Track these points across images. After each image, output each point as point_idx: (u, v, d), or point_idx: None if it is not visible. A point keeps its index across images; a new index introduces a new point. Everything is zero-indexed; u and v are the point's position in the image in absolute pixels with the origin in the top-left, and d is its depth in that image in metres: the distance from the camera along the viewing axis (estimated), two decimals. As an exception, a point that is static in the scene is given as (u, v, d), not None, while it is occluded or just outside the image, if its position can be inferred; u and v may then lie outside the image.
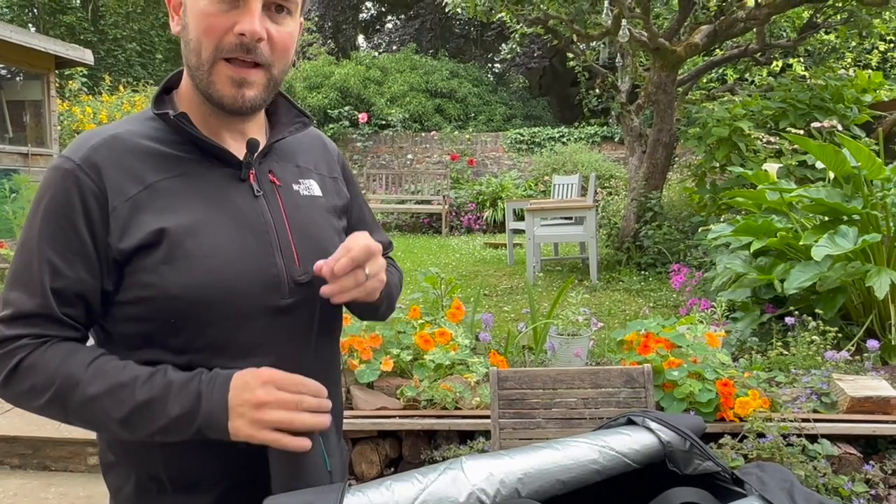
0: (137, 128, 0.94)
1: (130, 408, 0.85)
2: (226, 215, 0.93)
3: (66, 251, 0.88)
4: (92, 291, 0.90)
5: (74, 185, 0.88)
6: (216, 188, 0.94)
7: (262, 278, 0.93)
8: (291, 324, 0.97)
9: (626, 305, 4.88)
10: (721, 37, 6.05)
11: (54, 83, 7.88)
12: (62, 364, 0.87)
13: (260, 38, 0.89)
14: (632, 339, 2.86)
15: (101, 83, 11.38)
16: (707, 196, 5.49)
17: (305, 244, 0.99)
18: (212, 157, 0.95)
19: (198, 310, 0.89)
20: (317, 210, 1.04)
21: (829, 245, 3.10)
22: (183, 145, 0.94)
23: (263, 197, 0.97)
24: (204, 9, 0.89)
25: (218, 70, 0.90)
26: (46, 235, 0.88)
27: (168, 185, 0.91)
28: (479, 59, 15.92)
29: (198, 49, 0.90)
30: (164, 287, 0.88)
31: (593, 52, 7.76)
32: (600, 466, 1.00)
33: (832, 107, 5.40)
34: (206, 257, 0.90)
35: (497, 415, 2.16)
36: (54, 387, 0.86)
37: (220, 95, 0.91)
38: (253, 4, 0.89)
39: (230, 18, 0.89)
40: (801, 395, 2.65)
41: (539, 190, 10.51)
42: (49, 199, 0.89)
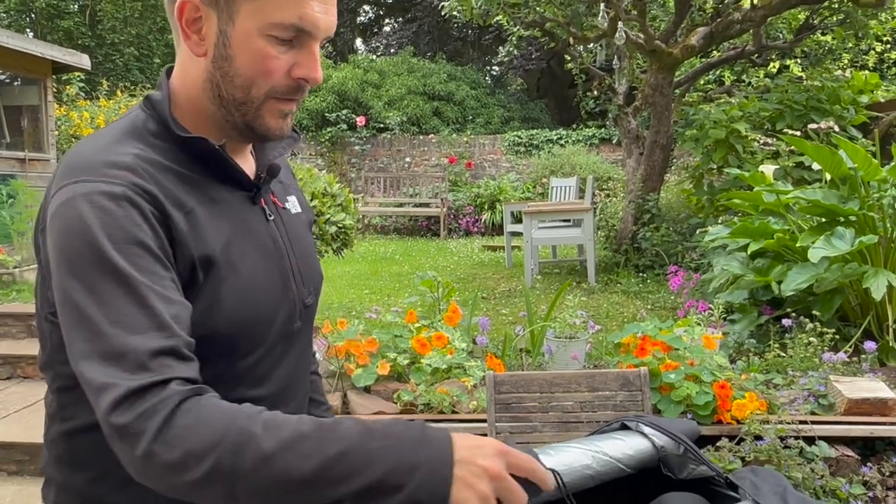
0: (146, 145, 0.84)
1: (321, 461, 0.66)
2: (252, 245, 0.90)
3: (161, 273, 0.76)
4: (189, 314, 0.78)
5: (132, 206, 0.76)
6: (239, 214, 0.91)
7: (285, 306, 0.93)
8: (297, 347, 0.98)
9: (624, 308, 4.88)
10: (717, 38, 6.06)
11: (51, 88, 7.88)
12: (224, 416, 0.69)
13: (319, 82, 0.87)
14: (628, 342, 2.86)
15: (98, 88, 11.39)
16: (704, 198, 5.49)
17: (305, 265, 0.99)
18: (227, 180, 0.91)
19: (235, 343, 0.86)
20: (303, 228, 1.05)
21: (826, 247, 3.10)
22: (195, 166, 0.87)
23: (274, 221, 0.96)
24: (263, 50, 0.83)
25: (269, 107, 0.87)
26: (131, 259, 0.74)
27: (202, 211, 0.85)
28: (477, 61, 15.94)
29: (247, 87, 0.85)
30: (211, 324, 0.81)
31: (590, 54, 7.78)
32: (594, 472, 1.00)
33: (829, 108, 5.40)
34: (245, 290, 0.86)
35: (493, 419, 2.16)
36: (219, 448, 0.66)
37: (267, 128, 0.88)
38: (314, 48, 0.86)
39: (289, 59, 0.85)
40: (798, 397, 2.65)
41: (537, 192, 10.52)
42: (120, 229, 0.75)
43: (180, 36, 0.87)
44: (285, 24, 0.82)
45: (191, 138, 0.86)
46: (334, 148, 11.98)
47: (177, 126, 0.87)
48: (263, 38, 0.83)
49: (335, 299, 5.42)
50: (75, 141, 8.95)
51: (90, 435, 0.82)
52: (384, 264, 7.77)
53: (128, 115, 0.90)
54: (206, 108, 0.89)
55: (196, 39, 0.86)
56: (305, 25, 0.83)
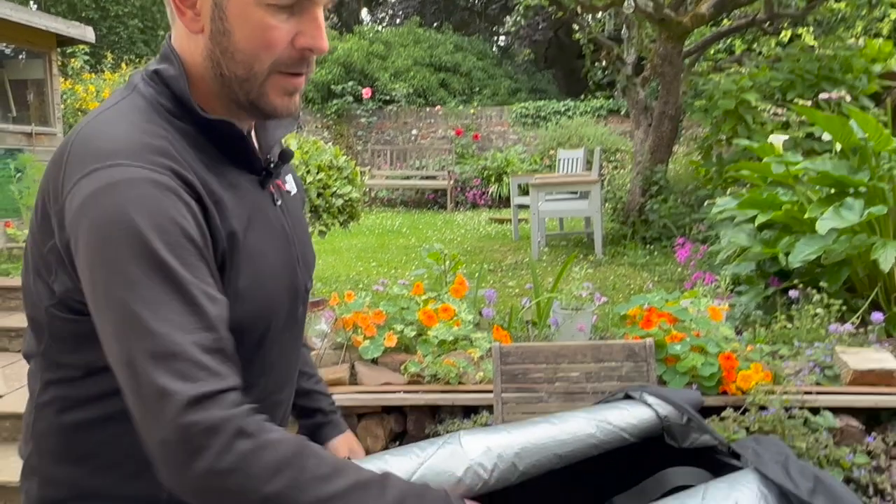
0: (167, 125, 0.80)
1: None
2: (267, 231, 0.87)
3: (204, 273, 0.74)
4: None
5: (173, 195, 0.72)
6: (254, 200, 0.87)
7: (293, 293, 0.92)
8: (298, 331, 0.98)
9: (631, 280, 4.88)
10: (728, 7, 5.96)
11: (56, 62, 7.85)
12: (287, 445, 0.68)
13: (325, 52, 0.82)
14: (634, 314, 2.86)
15: (103, 61, 11.33)
16: (713, 169, 5.45)
17: (303, 249, 0.97)
18: (240, 164, 0.86)
19: (253, 331, 0.84)
20: (300, 209, 1.03)
21: (835, 218, 3.08)
22: (213, 149, 0.83)
23: (280, 206, 0.93)
24: (262, 20, 0.77)
25: (273, 82, 0.81)
26: (178, 256, 0.70)
27: (228, 198, 0.81)
28: (484, 31, 15.74)
29: (249, 62, 0.79)
30: (233, 312, 0.77)
31: (599, 23, 7.66)
32: (597, 441, 1.02)
33: (841, 77, 5.32)
34: (265, 278, 0.85)
35: (500, 389, 2.18)
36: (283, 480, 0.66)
37: (273, 106, 0.83)
38: (318, 14, 0.80)
39: (290, 29, 0.79)
40: (804, 368, 2.66)
41: (545, 164, 10.46)
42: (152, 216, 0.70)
43: (174, 13, 0.81)
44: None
45: (217, 121, 0.82)
46: (340, 120, 11.92)
47: (199, 106, 0.82)
48: (261, 7, 0.77)
49: (342, 272, 5.44)
50: (81, 115, 8.94)
51: (99, 427, 0.81)
52: (391, 237, 7.78)
53: (131, 91, 0.83)
54: (210, 86, 0.83)
55: (191, 15, 0.80)
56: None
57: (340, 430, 1.17)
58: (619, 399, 1.11)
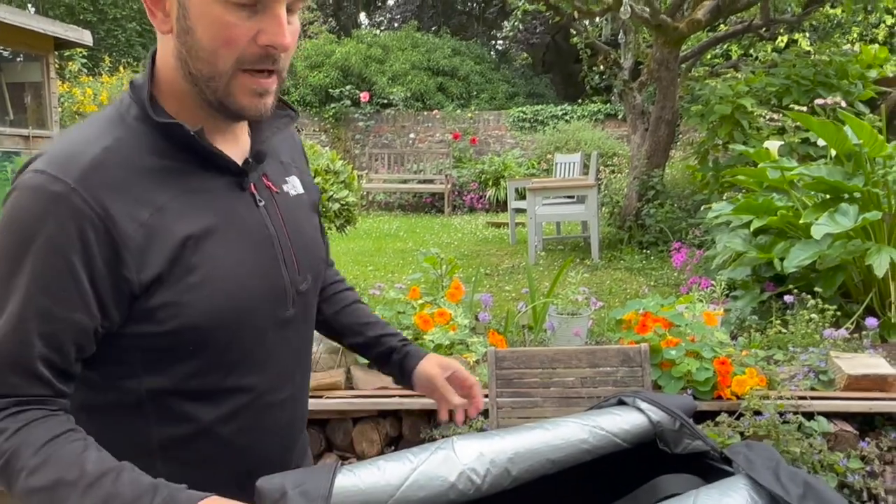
0: (124, 134, 0.83)
1: None
2: (235, 232, 0.87)
3: (61, 293, 0.77)
4: (86, 335, 0.79)
5: (70, 215, 0.76)
6: (223, 202, 0.87)
7: (272, 294, 0.91)
8: (292, 333, 0.96)
9: (627, 284, 4.90)
10: (724, 12, 5.99)
11: (54, 65, 7.85)
12: (12, 437, 0.75)
13: (289, 49, 0.82)
14: (630, 319, 2.87)
15: (101, 64, 11.34)
16: (709, 174, 5.47)
17: (302, 251, 0.96)
18: (212, 167, 0.87)
19: (216, 334, 0.85)
20: (303, 211, 1.00)
21: (829, 223, 3.10)
22: (180, 153, 0.84)
23: (264, 206, 0.92)
24: (221, 17, 0.78)
25: (238, 82, 0.82)
26: (37, 277, 0.76)
27: (178, 205, 0.82)
28: (482, 36, 15.77)
29: (212, 60, 0.80)
30: (183, 317, 0.81)
31: (596, 28, 7.69)
32: (590, 446, 1.02)
33: (836, 83, 5.35)
34: (225, 281, 0.85)
35: (495, 394, 2.19)
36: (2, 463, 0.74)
37: (241, 106, 0.83)
38: (279, 10, 0.80)
39: (252, 26, 0.79)
40: (798, 373, 2.67)
41: (542, 168, 10.48)
42: (40, 233, 0.76)
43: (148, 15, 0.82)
44: None
45: (166, 123, 0.83)
46: (338, 124, 11.94)
47: (154, 111, 0.83)
48: (220, 4, 0.78)
49: (339, 276, 5.43)
50: (78, 117, 8.94)
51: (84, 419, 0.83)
52: (388, 241, 7.78)
53: (116, 101, 0.87)
54: (183, 88, 0.84)
55: (161, 17, 0.82)
56: None
57: (419, 356, 1.16)
58: (613, 405, 1.11)
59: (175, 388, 0.85)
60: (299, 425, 1.04)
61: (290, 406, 0.99)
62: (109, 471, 0.73)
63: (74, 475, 0.72)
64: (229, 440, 0.90)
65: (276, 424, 0.96)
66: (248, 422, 0.91)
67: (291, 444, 1.02)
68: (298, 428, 1.04)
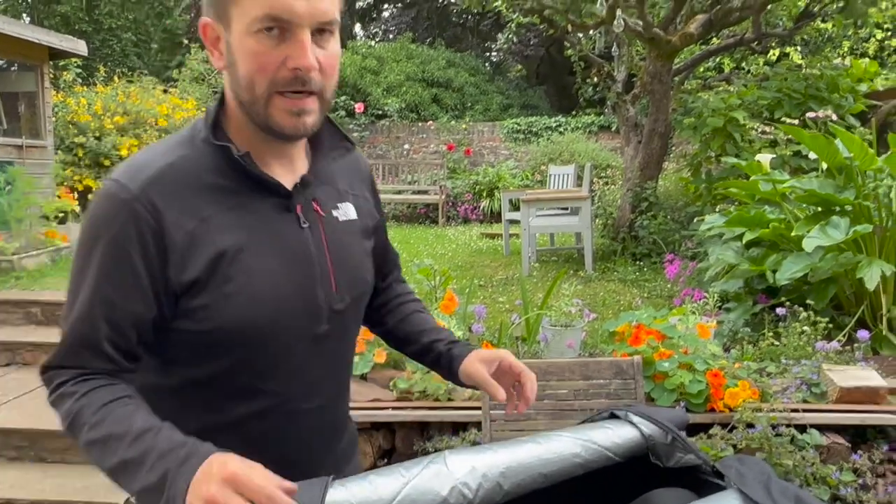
0: (188, 154, 0.94)
1: (114, 463, 0.85)
2: (274, 249, 0.96)
3: (123, 285, 0.90)
4: (144, 323, 0.92)
5: (132, 219, 0.89)
6: (266, 220, 0.96)
7: (305, 310, 0.98)
8: (328, 349, 1.03)
9: (621, 296, 4.90)
10: (717, 26, 6.04)
11: (48, 74, 7.85)
12: (79, 399, 0.89)
13: (313, 70, 0.89)
14: (623, 331, 2.88)
15: (95, 74, 11.33)
16: (702, 186, 5.50)
17: (343, 272, 1.03)
18: (262, 189, 0.96)
19: (245, 340, 0.94)
20: (352, 235, 1.07)
21: (821, 236, 3.12)
22: (234, 173, 0.94)
23: (308, 228, 0.99)
24: (253, 48, 0.88)
25: (274, 104, 0.90)
26: (104, 268, 0.90)
27: (222, 218, 0.93)
28: (476, 47, 15.86)
29: (250, 86, 0.90)
30: (221, 320, 0.91)
31: (590, 41, 7.74)
32: (583, 460, 1.02)
33: (827, 96, 5.39)
34: (258, 292, 0.93)
35: (488, 406, 2.18)
36: (69, 419, 0.89)
37: (281, 127, 0.92)
38: (302, 36, 0.88)
39: (280, 53, 0.88)
40: (791, 386, 2.68)
41: (536, 180, 10.50)
42: (107, 229, 0.90)
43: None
44: (259, 16, 0.87)
45: (220, 146, 0.94)
46: (333, 135, 11.94)
47: (216, 134, 0.95)
48: (251, 36, 0.88)
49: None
50: (72, 127, 8.92)
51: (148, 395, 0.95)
52: (382, 252, 7.76)
53: (192, 124, 1.00)
54: (240, 116, 0.96)
55: (217, 55, 0.95)
56: (278, 13, 0.86)
57: (462, 356, 1.17)
58: (605, 418, 1.12)
59: (210, 382, 0.96)
60: (331, 434, 1.10)
61: (320, 415, 1.06)
62: (152, 428, 0.85)
63: (123, 430, 0.85)
64: (257, 437, 0.98)
65: (305, 430, 1.03)
66: (276, 423, 0.99)
67: (323, 452, 1.08)
68: (330, 437, 1.09)
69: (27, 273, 5.89)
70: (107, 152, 8.90)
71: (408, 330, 1.24)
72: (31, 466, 3.27)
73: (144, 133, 9.24)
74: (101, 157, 8.90)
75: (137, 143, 9.09)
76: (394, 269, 1.30)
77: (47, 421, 3.43)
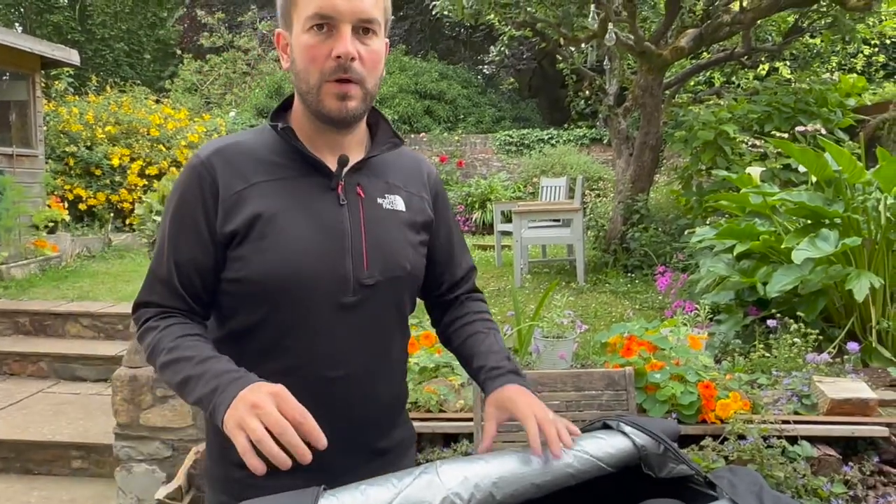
0: (255, 137, 1.14)
1: (180, 379, 1.02)
2: (309, 218, 1.09)
3: (187, 233, 1.08)
4: (205, 269, 1.09)
5: (197, 179, 1.08)
6: (307, 194, 1.10)
7: (331, 276, 1.08)
8: (355, 320, 1.11)
9: (613, 307, 4.91)
10: (707, 40, 6.10)
11: (40, 83, 7.83)
12: (160, 332, 1.07)
13: (353, 58, 1.04)
14: (615, 342, 2.88)
15: (87, 83, 11.31)
16: (693, 199, 5.53)
17: (377, 251, 1.12)
18: (310, 168, 1.11)
19: (274, 294, 1.06)
20: (395, 223, 1.16)
21: (810, 248, 3.14)
22: (288, 155, 1.11)
23: (346, 206, 1.11)
24: (306, 42, 1.05)
25: (325, 90, 1.06)
26: (175, 219, 1.09)
27: (268, 186, 1.08)
28: (469, 60, 15.93)
29: (306, 77, 1.07)
30: (251, 270, 1.06)
31: (581, 54, 7.80)
32: (575, 470, 1.02)
33: (816, 110, 5.45)
34: (287, 251, 1.06)
35: (480, 417, 2.17)
36: (150, 349, 1.07)
37: (328, 110, 1.07)
38: (344, 30, 1.04)
39: (328, 46, 1.04)
40: (781, 397, 2.68)
41: (528, 192, 10.54)
42: (181, 188, 1.10)
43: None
44: (310, 15, 1.04)
45: (273, 126, 1.12)
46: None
47: (273, 118, 1.14)
48: (305, 33, 1.05)
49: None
50: (63, 137, 8.89)
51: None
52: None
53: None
54: (301, 109, 1.13)
55: (285, 58, 1.12)
56: (325, 11, 1.03)
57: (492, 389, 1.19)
58: (597, 428, 1.11)
59: (245, 335, 1.10)
60: (363, 412, 1.14)
61: (345, 386, 1.11)
62: (214, 356, 1.03)
63: (191, 355, 1.03)
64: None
65: (329, 399, 1.09)
66: (299, 385, 1.02)
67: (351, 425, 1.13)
68: (362, 415, 1.14)
69: (15, 283, 5.84)
70: (98, 162, 8.87)
71: (465, 354, 1.28)
72: (16, 478, 3.23)
73: (136, 143, 9.22)
74: (91, 166, 8.87)
75: (129, 152, 9.07)
76: (462, 282, 1.33)
77: (34, 432, 3.39)
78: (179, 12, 16.94)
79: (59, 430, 3.41)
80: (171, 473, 2.95)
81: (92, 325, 4.74)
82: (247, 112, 12.36)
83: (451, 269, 1.31)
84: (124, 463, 2.98)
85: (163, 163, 9.15)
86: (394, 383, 1.21)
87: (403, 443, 1.24)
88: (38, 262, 6.44)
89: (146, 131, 9.31)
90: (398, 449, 1.22)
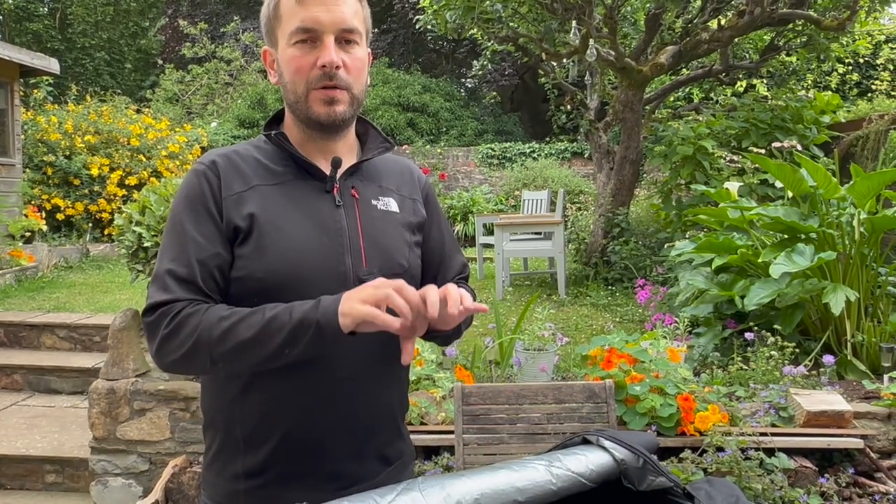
0: (252, 147, 1.19)
1: (256, 330, 1.01)
2: (308, 219, 1.13)
3: (205, 229, 1.10)
4: (224, 263, 1.10)
5: (203, 179, 1.13)
6: (304, 196, 1.15)
7: (330, 273, 1.11)
8: None
9: (593, 320, 4.94)
10: (686, 57, 6.20)
11: (19, 92, 7.74)
12: (205, 314, 1.05)
13: (337, 66, 1.10)
14: (596, 355, 2.90)
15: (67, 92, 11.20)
16: (672, 213, 5.59)
17: (374, 249, 1.16)
18: (305, 173, 1.16)
19: (275, 292, 1.07)
20: (391, 223, 1.21)
21: (787, 262, 3.19)
22: (285, 162, 1.17)
23: (343, 207, 1.16)
24: (291, 55, 1.11)
25: (312, 97, 1.11)
26: (189, 218, 1.11)
27: (266, 189, 1.13)
28: (452, 73, 16.03)
29: (294, 88, 1.12)
30: (253, 269, 1.09)
31: (563, 70, 7.88)
32: (556, 487, 1.02)
33: (792, 127, 5.55)
34: (287, 250, 1.10)
35: (461, 430, 2.18)
36: (199, 329, 1.04)
37: (317, 115, 1.12)
38: (327, 41, 1.10)
39: (312, 57, 1.10)
40: (759, 410, 2.71)
41: (510, 205, 10.59)
42: (187, 189, 1.14)
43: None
44: (294, 29, 1.10)
45: (267, 134, 1.18)
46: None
47: (266, 128, 1.20)
48: (290, 47, 1.11)
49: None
50: (42, 146, 8.78)
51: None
52: (356, 274, 7.72)
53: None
54: (291, 119, 1.18)
55: (273, 73, 1.18)
56: (308, 24, 1.09)
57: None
58: (577, 443, 1.12)
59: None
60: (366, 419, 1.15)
61: (349, 391, 1.13)
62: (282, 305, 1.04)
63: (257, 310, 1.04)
64: (287, 393, 1.10)
65: (332, 401, 1.12)
66: (307, 385, 1.10)
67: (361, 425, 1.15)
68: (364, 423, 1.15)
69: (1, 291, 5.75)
70: (77, 171, 8.77)
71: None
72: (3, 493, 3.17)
73: (116, 153, 9.13)
74: (70, 175, 8.76)
75: (108, 161, 8.98)
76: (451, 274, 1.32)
77: (7, 446, 3.33)
78: (161, 22, 16.86)
79: (33, 443, 3.36)
80: (149, 487, 2.91)
81: (68, 337, 4.68)
82: (228, 123, 12.31)
83: (444, 269, 1.33)
84: (100, 477, 2.93)
85: (143, 173, 9.07)
86: (397, 387, 1.23)
87: (405, 457, 1.25)
88: (14, 272, 6.34)
89: (126, 141, 9.23)
90: (403, 461, 1.24)
